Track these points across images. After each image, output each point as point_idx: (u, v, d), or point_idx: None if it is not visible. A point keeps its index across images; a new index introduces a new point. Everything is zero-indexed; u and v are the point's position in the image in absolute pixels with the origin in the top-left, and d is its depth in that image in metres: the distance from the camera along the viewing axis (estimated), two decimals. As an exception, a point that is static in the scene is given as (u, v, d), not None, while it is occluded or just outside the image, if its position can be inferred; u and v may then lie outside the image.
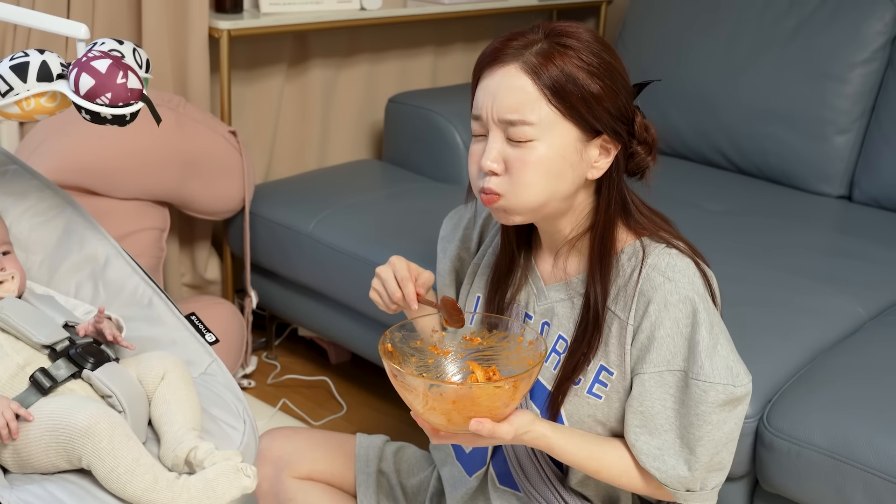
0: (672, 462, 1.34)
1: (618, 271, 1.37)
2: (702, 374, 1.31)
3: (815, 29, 2.70)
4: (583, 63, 1.29)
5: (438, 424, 1.27)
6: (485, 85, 1.32)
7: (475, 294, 1.54)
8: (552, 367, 1.42)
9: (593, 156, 1.33)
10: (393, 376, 1.26)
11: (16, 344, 1.40)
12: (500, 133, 1.31)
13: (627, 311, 1.35)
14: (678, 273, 1.34)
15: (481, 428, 1.24)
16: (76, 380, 1.38)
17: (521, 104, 1.28)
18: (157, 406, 1.40)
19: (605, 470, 1.37)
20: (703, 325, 1.32)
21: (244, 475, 1.30)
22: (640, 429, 1.35)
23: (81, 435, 1.26)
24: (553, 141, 1.29)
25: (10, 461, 1.32)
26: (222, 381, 1.52)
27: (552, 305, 1.44)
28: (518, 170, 1.30)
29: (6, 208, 1.66)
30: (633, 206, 1.39)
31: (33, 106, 1.47)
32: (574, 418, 1.40)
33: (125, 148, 2.29)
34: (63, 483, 1.29)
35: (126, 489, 1.25)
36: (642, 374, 1.35)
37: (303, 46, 2.88)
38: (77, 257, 1.65)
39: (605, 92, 1.29)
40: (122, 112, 1.43)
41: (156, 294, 1.60)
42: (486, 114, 1.31)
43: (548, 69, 1.28)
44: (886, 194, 2.60)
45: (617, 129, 1.32)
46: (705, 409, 1.31)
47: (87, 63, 1.41)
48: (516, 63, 1.29)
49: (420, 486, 1.66)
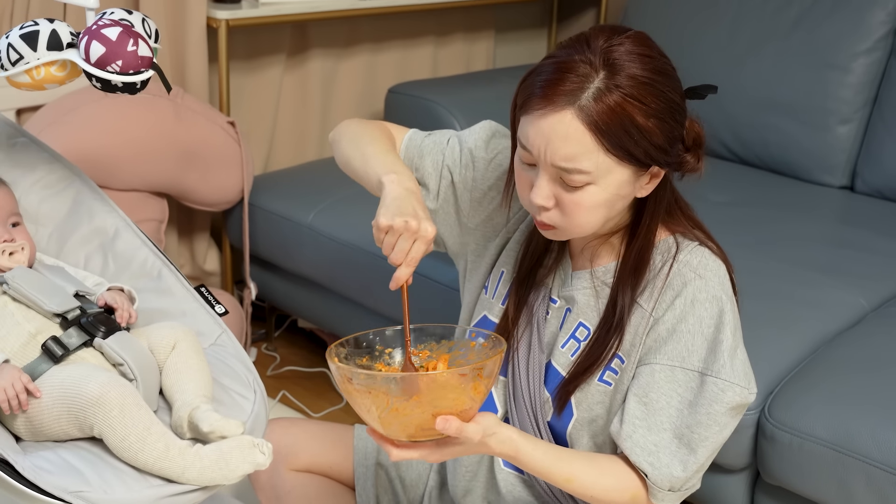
0: (666, 461, 1.32)
1: (648, 267, 1.36)
2: (722, 373, 1.30)
3: (817, 19, 2.69)
4: (640, 104, 1.23)
5: (398, 432, 1.22)
6: (537, 125, 1.25)
7: (500, 268, 1.51)
8: (570, 353, 1.41)
9: (644, 181, 1.31)
10: (347, 381, 1.20)
11: (27, 313, 1.41)
12: (552, 174, 1.27)
13: (651, 302, 1.35)
14: (709, 272, 1.34)
15: (448, 426, 1.18)
16: (88, 348, 1.39)
17: (577, 154, 1.23)
18: (168, 375, 1.40)
19: (577, 479, 1.32)
20: (728, 326, 1.31)
21: (259, 451, 1.29)
22: (640, 421, 1.33)
23: (92, 404, 1.26)
24: (608, 183, 1.26)
25: (22, 429, 1.33)
26: (232, 352, 1.52)
27: (574, 294, 1.43)
28: (571, 211, 1.28)
29: (15, 180, 1.66)
30: (677, 208, 1.39)
31: (43, 75, 1.47)
32: (583, 405, 1.39)
33: (123, 139, 2.28)
34: (76, 450, 1.30)
35: (138, 457, 1.26)
36: (654, 363, 1.34)
37: (302, 36, 2.87)
38: (86, 229, 1.65)
39: (659, 129, 1.25)
40: (133, 80, 1.42)
41: (165, 266, 1.61)
42: (538, 154, 1.26)
43: (605, 118, 1.22)
44: (889, 185, 2.59)
45: (668, 160, 1.29)
46: (718, 409, 1.30)
47: (97, 31, 1.41)
48: (571, 109, 1.22)
49: (418, 478, 1.65)
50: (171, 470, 1.25)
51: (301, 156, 2.98)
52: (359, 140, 1.48)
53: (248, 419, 1.39)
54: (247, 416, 1.39)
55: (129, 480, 1.26)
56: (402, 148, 1.54)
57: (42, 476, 1.22)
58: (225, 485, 1.28)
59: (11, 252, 1.48)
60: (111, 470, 1.26)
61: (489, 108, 2.91)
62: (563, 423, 1.41)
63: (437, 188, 1.52)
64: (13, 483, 1.21)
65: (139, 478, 1.26)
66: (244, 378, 1.46)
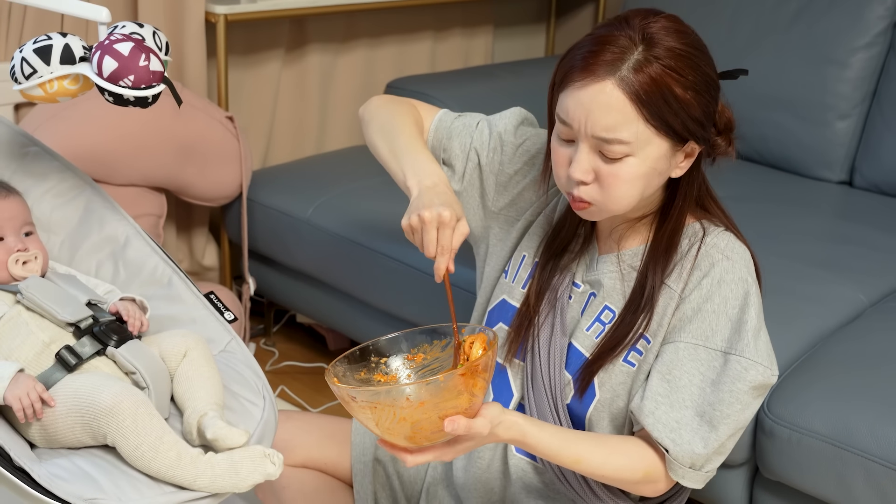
0: (688, 437, 1.33)
1: (677, 250, 1.39)
2: (747, 352, 1.32)
3: (815, 14, 2.69)
4: (678, 75, 1.26)
5: (408, 440, 1.22)
6: (577, 97, 1.28)
7: (522, 253, 1.53)
8: (594, 335, 1.42)
9: (679, 159, 1.33)
10: (351, 399, 1.20)
11: (41, 322, 1.42)
12: (592, 146, 1.29)
13: (680, 283, 1.37)
14: (736, 255, 1.37)
15: (457, 427, 1.19)
16: (100, 357, 1.41)
17: (617, 124, 1.26)
18: (179, 383, 1.42)
19: (585, 459, 1.33)
20: (753, 307, 1.34)
21: (270, 462, 1.31)
22: (662, 398, 1.34)
23: (106, 413, 1.28)
24: (646, 155, 1.29)
25: (37, 436, 1.35)
26: (241, 359, 1.54)
27: (600, 277, 1.44)
28: (610, 184, 1.30)
29: (28, 189, 1.69)
30: (707, 195, 1.41)
31: (56, 88, 1.50)
32: (606, 386, 1.40)
33: (122, 134, 2.28)
34: (90, 457, 1.32)
35: (151, 465, 1.27)
36: (678, 342, 1.35)
37: (300, 31, 2.86)
38: (97, 237, 1.68)
39: (697, 101, 1.28)
40: (145, 94, 1.45)
41: (175, 273, 1.63)
42: (577, 125, 1.29)
43: (645, 88, 1.25)
44: (887, 180, 2.59)
45: (704, 135, 1.32)
46: (741, 388, 1.32)
47: (109, 46, 1.43)
48: (612, 79, 1.25)
49: (416, 475, 1.65)
50: (183, 478, 1.27)
51: (300, 151, 2.97)
52: (388, 130, 1.50)
53: (257, 425, 1.40)
54: (256, 423, 1.41)
55: (143, 488, 1.27)
56: (432, 129, 1.57)
57: (57, 484, 1.24)
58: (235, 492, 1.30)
59: (25, 261, 1.50)
60: (125, 477, 1.28)
61: (488, 103, 2.91)
62: (585, 404, 1.42)
63: (464, 170, 1.55)
64: (29, 490, 1.23)
65: (152, 485, 1.28)
66: (253, 385, 1.48)
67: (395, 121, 1.52)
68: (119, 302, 1.50)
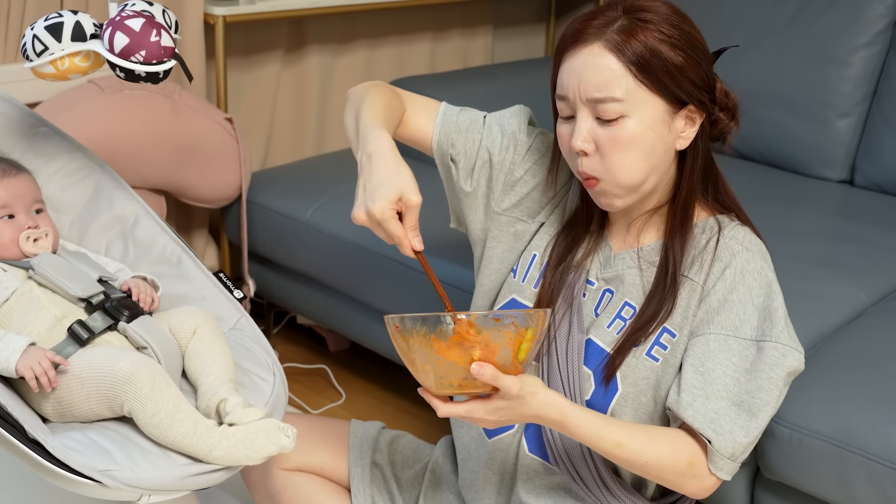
0: (728, 427, 1.33)
1: (693, 241, 1.40)
2: (783, 338, 1.35)
3: (816, 12, 2.68)
4: (664, 36, 1.31)
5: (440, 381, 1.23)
6: (569, 65, 1.34)
7: (532, 252, 1.53)
8: (615, 332, 1.42)
9: (680, 126, 1.36)
10: (396, 328, 1.23)
11: (53, 297, 1.45)
12: (589, 112, 1.33)
13: (702, 275, 1.38)
14: (755, 246, 1.40)
15: (483, 371, 1.19)
16: (112, 332, 1.43)
17: (607, 81, 1.30)
18: (191, 359, 1.44)
19: (628, 444, 1.31)
20: (778, 295, 1.38)
21: (284, 435, 1.33)
22: (698, 390, 1.34)
23: (124, 382, 1.30)
24: (642, 115, 1.31)
25: (50, 411, 1.37)
26: (251, 336, 1.56)
27: (621, 273, 1.44)
28: (610, 150, 1.32)
29: (38, 169, 1.70)
30: (717, 178, 1.44)
31: (67, 65, 1.51)
32: (629, 380, 1.40)
33: (120, 136, 2.28)
34: (103, 430, 1.34)
35: (167, 434, 1.29)
36: (708, 334, 1.36)
37: (299, 33, 2.86)
38: (107, 217, 1.70)
39: (687, 62, 1.32)
40: (156, 69, 1.47)
41: (185, 252, 1.65)
42: (572, 93, 1.33)
43: (631, 45, 1.30)
44: (888, 178, 2.58)
45: (701, 99, 1.35)
46: (779, 373, 1.34)
47: (121, 22, 1.45)
48: (599, 42, 1.31)
49: (415, 478, 1.65)
50: (198, 447, 1.29)
51: (299, 152, 2.97)
52: (355, 109, 1.43)
53: (268, 401, 1.43)
54: (267, 398, 1.44)
55: (156, 459, 1.29)
56: (438, 123, 1.56)
57: (71, 455, 1.26)
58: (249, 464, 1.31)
59: (36, 238, 1.52)
60: (138, 450, 1.30)
61: (487, 104, 2.90)
62: (608, 398, 1.41)
63: (472, 166, 1.53)
64: (44, 462, 1.25)
65: (165, 457, 1.30)
66: (263, 361, 1.51)
67: (365, 100, 1.44)
68: (131, 279, 1.52)
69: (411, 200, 1.27)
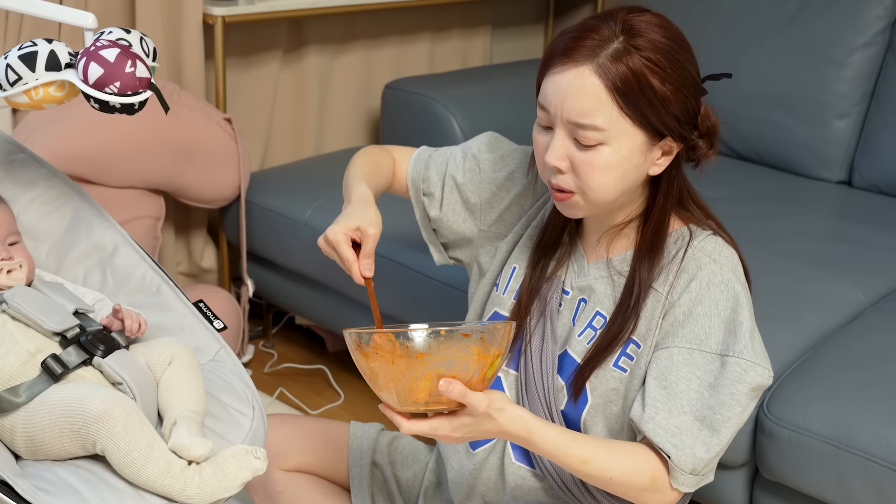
0: (689, 442, 1.32)
1: (663, 252, 1.39)
2: (745, 354, 1.32)
3: (814, 13, 2.69)
4: (657, 67, 1.27)
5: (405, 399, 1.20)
6: (555, 81, 1.30)
7: (512, 265, 1.53)
8: (586, 341, 1.42)
9: (656, 155, 1.33)
10: (357, 346, 1.20)
11: (26, 331, 1.40)
12: (567, 133, 1.30)
13: (666, 286, 1.36)
14: (724, 258, 1.37)
15: (451, 388, 1.17)
16: (87, 367, 1.39)
17: (591, 109, 1.27)
18: (161, 392, 1.41)
19: (593, 460, 1.30)
20: (745, 308, 1.34)
21: (254, 457, 1.30)
22: (661, 404, 1.33)
23: (96, 420, 1.26)
24: (620, 146, 1.29)
25: (22, 447, 1.33)
26: (231, 368, 1.52)
27: (591, 283, 1.44)
28: (585, 172, 1.30)
29: (14, 197, 1.67)
30: (688, 196, 1.41)
31: (42, 95, 1.47)
32: (598, 392, 1.40)
33: (119, 136, 2.28)
34: (75, 469, 1.30)
35: (140, 474, 1.26)
36: (672, 347, 1.34)
37: (298, 33, 2.86)
38: (85, 245, 1.66)
39: (674, 97, 1.29)
40: (131, 101, 1.43)
41: (164, 281, 1.61)
42: (554, 110, 1.30)
43: (621, 74, 1.26)
44: (886, 179, 2.59)
45: (682, 132, 1.32)
46: (741, 389, 1.32)
47: (95, 52, 1.42)
48: (590, 65, 1.27)
49: (414, 478, 1.65)
50: (171, 487, 1.26)
51: (298, 152, 2.97)
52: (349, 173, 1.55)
53: (246, 436, 1.39)
54: (245, 433, 1.40)
55: (129, 500, 1.25)
56: (410, 165, 1.63)
57: (41, 497, 1.22)
58: (227, 497, 1.28)
59: (10, 270, 1.48)
60: (110, 490, 1.26)
61: (486, 104, 2.92)
62: (578, 410, 1.41)
63: (441, 195, 1.59)
64: None
65: (138, 497, 1.26)
66: (242, 394, 1.46)
67: (354, 162, 1.57)
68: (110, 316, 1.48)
69: (368, 231, 1.36)
